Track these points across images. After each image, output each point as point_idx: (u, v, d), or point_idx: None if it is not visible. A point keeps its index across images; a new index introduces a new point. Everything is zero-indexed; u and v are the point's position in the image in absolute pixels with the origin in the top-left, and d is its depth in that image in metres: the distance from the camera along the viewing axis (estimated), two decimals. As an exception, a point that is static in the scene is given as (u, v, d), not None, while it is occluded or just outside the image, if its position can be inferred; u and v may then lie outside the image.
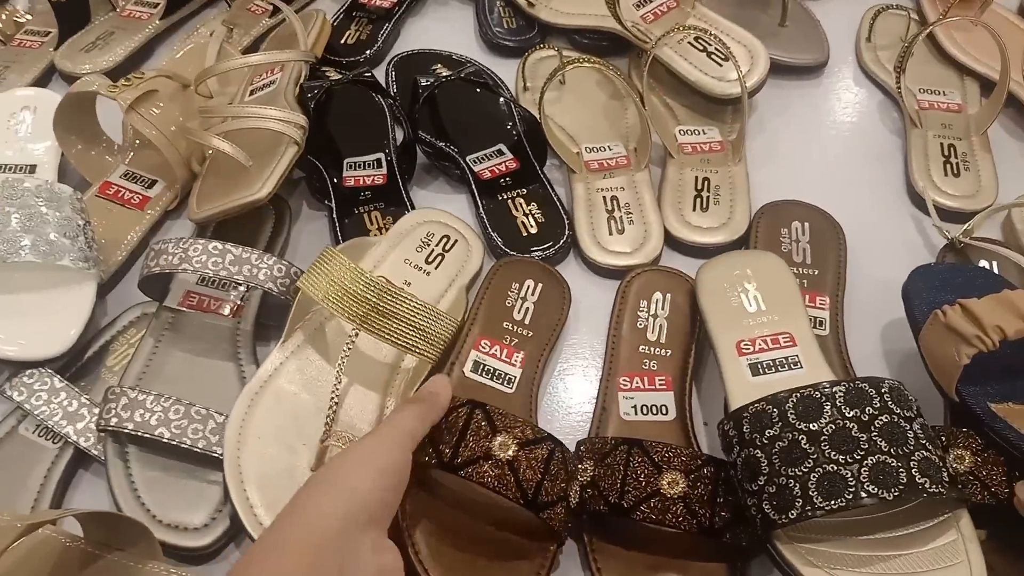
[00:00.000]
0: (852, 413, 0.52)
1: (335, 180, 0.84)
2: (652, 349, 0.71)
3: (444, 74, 0.85)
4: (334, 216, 0.82)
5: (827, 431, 0.52)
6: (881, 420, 0.52)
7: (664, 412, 0.67)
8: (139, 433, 0.63)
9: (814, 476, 0.50)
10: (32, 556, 0.55)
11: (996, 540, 0.58)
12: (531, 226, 0.80)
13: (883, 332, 0.73)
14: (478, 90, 0.90)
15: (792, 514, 0.50)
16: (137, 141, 0.87)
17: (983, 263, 0.74)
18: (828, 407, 0.52)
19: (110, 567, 0.56)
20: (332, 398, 0.62)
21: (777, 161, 0.87)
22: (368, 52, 0.98)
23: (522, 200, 0.82)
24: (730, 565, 0.57)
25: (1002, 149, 0.86)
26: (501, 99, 0.89)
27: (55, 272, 0.71)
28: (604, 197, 0.81)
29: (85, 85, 0.80)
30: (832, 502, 0.49)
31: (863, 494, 0.49)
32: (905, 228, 0.81)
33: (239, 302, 0.73)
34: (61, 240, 0.70)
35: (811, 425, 0.52)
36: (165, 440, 0.62)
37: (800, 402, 0.53)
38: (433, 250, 0.75)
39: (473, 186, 0.83)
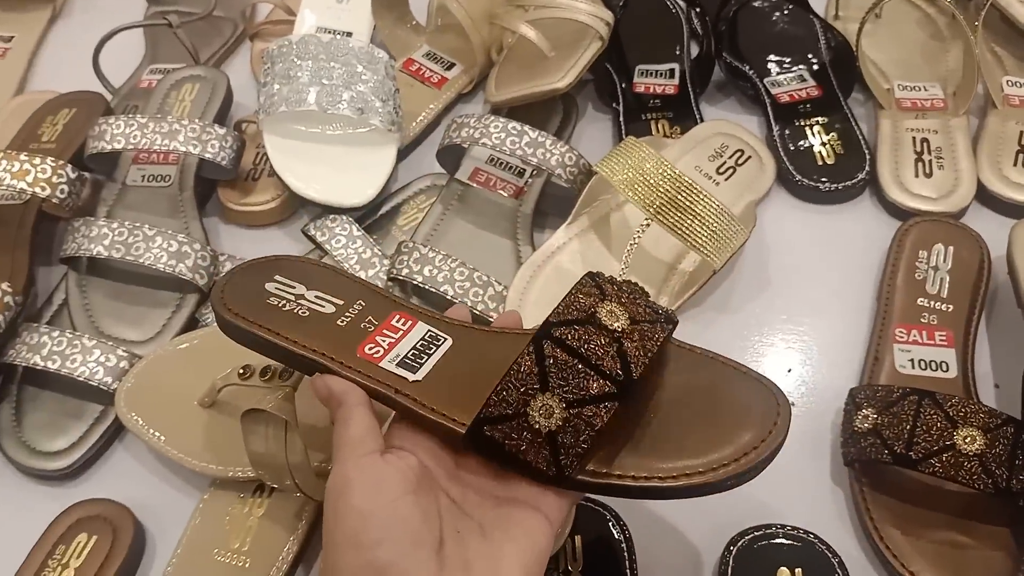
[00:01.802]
0: None
1: (624, 85, 0.84)
2: (932, 303, 0.66)
3: (757, -11, 0.82)
4: (620, 120, 0.82)
5: None
6: None
7: (944, 369, 0.63)
8: (426, 286, 0.66)
9: None
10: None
11: None
12: (828, 156, 0.76)
13: None
14: (785, 10, 0.86)
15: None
16: (440, 21, 0.90)
17: None
18: None
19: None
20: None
21: (1116, 130, 0.78)
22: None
23: (821, 128, 0.78)
24: (1015, 532, 0.53)
25: None
26: (809, 22, 0.85)
27: (364, 130, 0.75)
28: (914, 138, 0.76)
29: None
30: None
31: None
32: None
33: (523, 185, 0.75)
34: (374, 101, 0.75)
35: None
36: (448, 296, 0.65)
37: None
38: (725, 162, 0.74)
39: (769, 109, 0.80)
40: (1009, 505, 0.52)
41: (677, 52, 0.86)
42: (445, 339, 0.49)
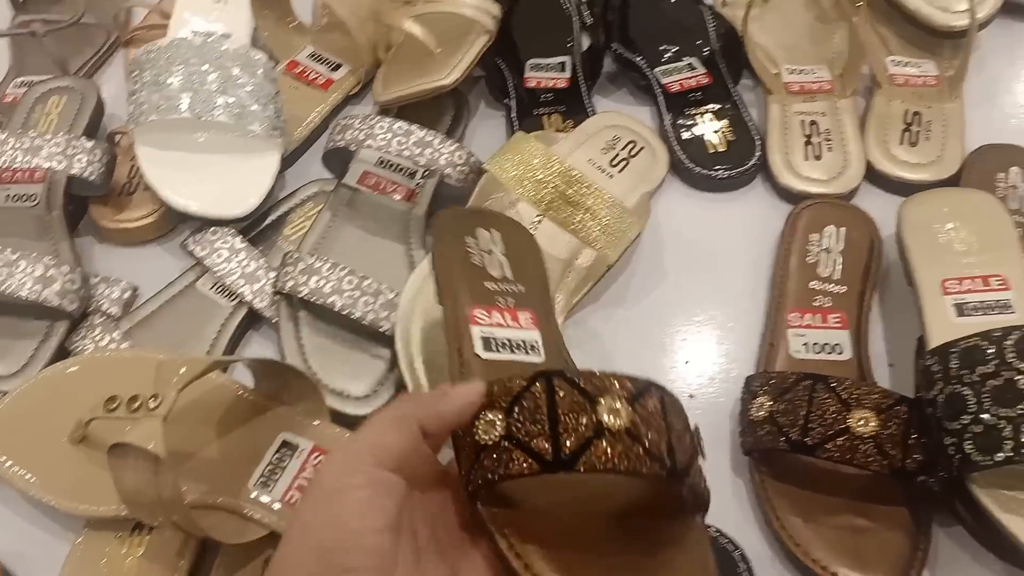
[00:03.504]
0: (1083, 357, 0.47)
1: (515, 80, 0.82)
2: (824, 285, 0.66)
3: (642, -23, 0.81)
4: (512, 116, 0.80)
5: (1052, 373, 0.47)
6: (1120, 369, 0.46)
7: (839, 351, 0.63)
8: (312, 299, 0.63)
9: (1032, 420, 0.46)
10: (207, 399, 0.57)
11: None
12: (719, 143, 0.76)
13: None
14: (675, 1, 0.86)
15: (998, 456, 0.46)
16: (325, 20, 0.87)
17: None
18: (1055, 349, 0.47)
19: (277, 419, 0.57)
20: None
21: (996, 104, 0.80)
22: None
23: (711, 116, 0.78)
24: (914, 511, 0.53)
25: None
26: (697, 11, 0.85)
27: (243, 137, 0.72)
28: (802, 121, 0.76)
29: (285, -42, 0.80)
30: (1052, 449, 0.45)
31: (1089, 444, 0.44)
32: None
33: (414, 187, 0.72)
34: (253, 106, 0.71)
35: (1036, 367, 0.47)
36: (336, 309, 0.63)
37: (1022, 340, 0.48)
38: (618, 154, 0.73)
39: (660, 99, 0.79)
40: (905, 485, 0.52)
41: (568, 45, 0.85)
42: (539, 356, 0.50)
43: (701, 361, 0.65)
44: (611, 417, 0.38)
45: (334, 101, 0.83)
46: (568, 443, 0.37)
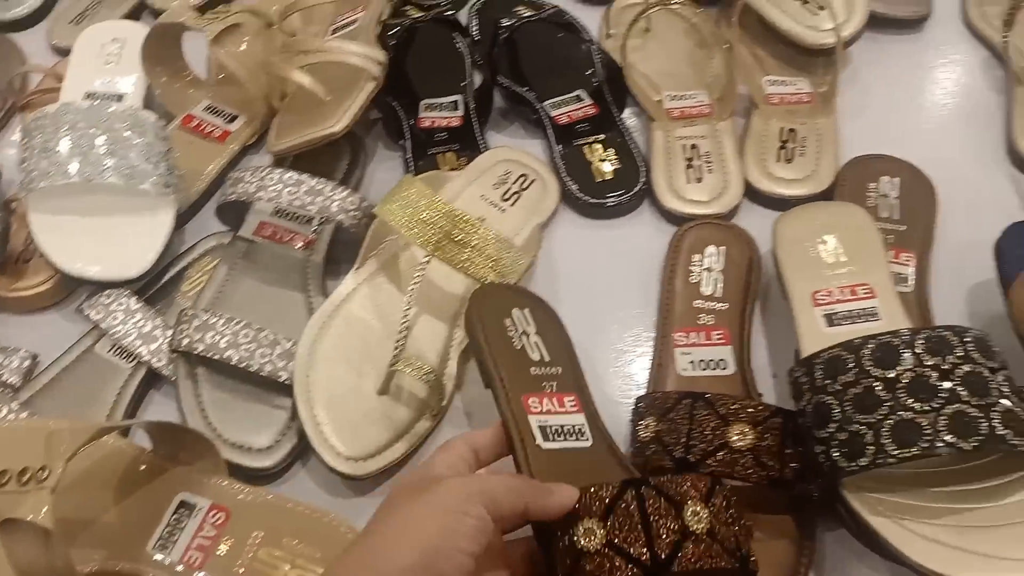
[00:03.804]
0: (932, 361, 0.49)
1: (411, 121, 0.84)
2: (707, 303, 0.68)
3: (525, 14, 0.83)
4: (408, 156, 0.82)
5: (904, 378, 0.49)
6: (963, 369, 0.49)
7: (723, 367, 0.65)
8: (209, 355, 0.64)
9: (888, 423, 0.48)
10: (103, 464, 0.57)
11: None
12: (606, 172, 0.78)
13: (970, 292, 0.69)
14: (559, 34, 0.88)
15: (862, 461, 0.48)
16: (220, 75, 0.88)
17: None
18: (907, 354, 0.50)
19: (175, 480, 0.57)
20: (403, 322, 0.62)
21: (868, 116, 0.83)
22: (452, -6, 0.97)
23: (599, 146, 0.80)
24: (797, 518, 0.56)
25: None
26: (583, 44, 0.87)
27: (136, 197, 0.73)
28: (683, 145, 0.79)
29: (172, 16, 0.81)
30: (906, 450, 0.47)
31: (940, 443, 0.47)
32: (1002, 189, 0.77)
33: (312, 235, 0.74)
34: (144, 165, 0.72)
35: (887, 372, 0.50)
36: (233, 363, 0.63)
37: (878, 349, 0.51)
38: (510, 188, 0.75)
39: (549, 131, 0.82)
40: (787, 493, 0.55)
41: (462, 84, 0.87)
42: (588, 439, 0.52)
43: (600, 386, 0.66)
44: (695, 521, 0.44)
45: (231, 153, 0.84)
46: (662, 549, 0.43)
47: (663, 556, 0.42)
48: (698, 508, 0.44)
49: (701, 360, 0.65)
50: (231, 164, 0.84)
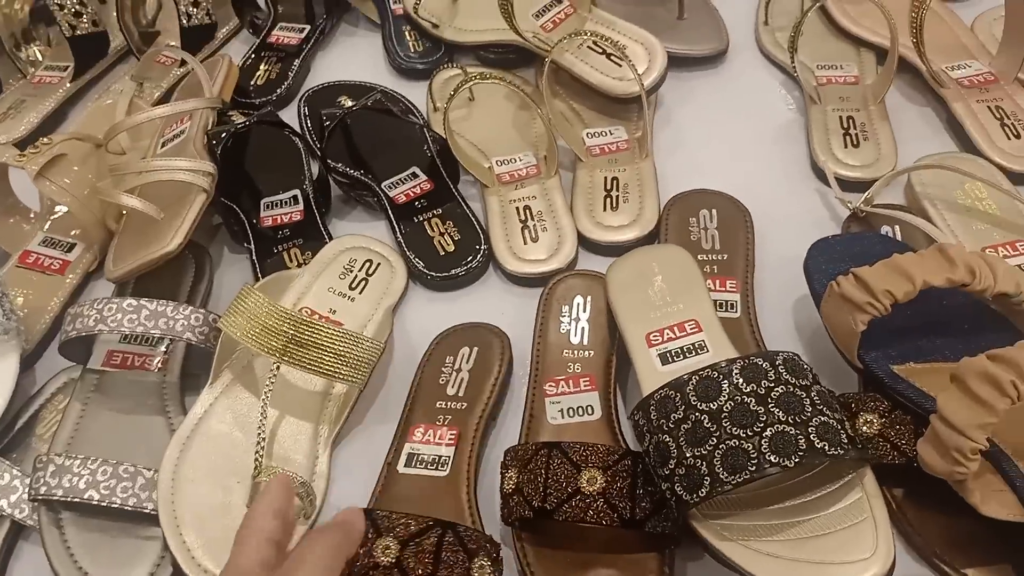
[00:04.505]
0: (749, 388, 0.53)
1: (253, 221, 0.85)
2: (575, 352, 0.71)
3: (347, 105, 0.86)
4: (253, 258, 0.83)
5: (727, 408, 0.53)
6: (777, 391, 0.53)
7: (590, 412, 0.68)
8: (70, 498, 0.63)
9: (718, 453, 0.51)
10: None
11: (911, 498, 0.59)
12: (448, 245, 0.81)
13: (794, 307, 0.74)
14: (387, 116, 0.91)
15: (702, 492, 0.51)
16: (56, 207, 0.87)
17: (885, 230, 0.76)
18: (726, 385, 0.54)
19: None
20: (260, 433, 0.63)
21: (684, 152, 0.89)
22: (279, 90, 0.99)
23: (438, 220, 0.83)
24: (659, 554, 0.58)
25: (900, 116, 0.88)
26: (411, 122, 0.90)
27: (-25, 348, 0.71)
28: (517, 208, 0.82)
29: (-9, 157, 0.80)
30: (737, 475, 0.51)
31: (766, 464, 0.50)
32: (811, 203, 0.83)
33: (164, 356, 0.74)
34: (-23, 314, 0.71)
35: (711, 404, 0.53)
36: (95, 502, 0.63)
37: (700, 383, 0.55)
38: (356, 275, 0.77)
39: (390, 211, 0.84)
40: (640, 532, 0.57)
41: (301, 177, 0.89)
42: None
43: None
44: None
45: (73, 283, 0.83)
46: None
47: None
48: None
49: (570, 407, 0.67)
50: (75, 293, 0.83)
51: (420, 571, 0.53)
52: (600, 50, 0.90)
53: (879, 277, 0.59)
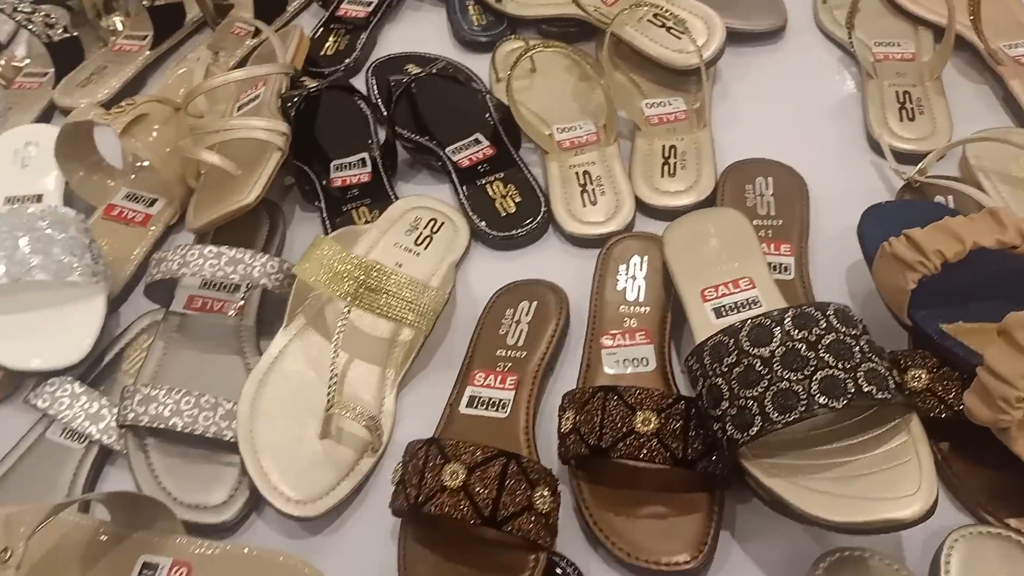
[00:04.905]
0: (800, 335, 0.56)
1: (324, 182, 0.89)
2: (632, 308, 0.74)
3: (414, 72, 0.89)
4: (324, 216, 0.87)
5: (778, 353, 0.55)
6: (828, 339, 0.55)
7: (645, 364, 0.70)
8: (154, 425, 0.67)
9: (769, 394, 0.54)
10: (65, 540, 0.60)
11: (957, 451, 0.61)
12: (509, 207, 0.84)
13: (847, 273, 0.76)
14: (451, 85, 0.95)
15: (752, 431, 0.54)
16: (137, 164, 0.92)
17: (938, 199, 0.77)
18: (778, 331, 0.56)
19: (136, 544, 0.60)
20: (332, 369, 0.67)
21: (741, 125, 0.91)
22: (347, 61, 1.03)
23: (500, 184, 0.86)
24: (710, 494, 0.61)
25: (956, 93, 0.89)
26: (475, 91, 0.94)
27: (67, 288, 0.76)
28: (577, 172, 0.85)
29: (80, 115, 0.85)
30: (787, 415, 0.53)
31: (815, 405, 0.53)
32: (866, 176, 0.85)
33: (241, 301, 0.78)
34: (68, 258, 0.76)
35: (763, 349, 0.56)
36: (179, 429, 0.67)
37: (753, 330, 0.57)
38: (422, 233, 0.80)
39: (453, 175, 0.88)
40: (692, 472, 0.60)
41: (368, 142, 0.92)
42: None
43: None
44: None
45: (155, 234, 0.88)
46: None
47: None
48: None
49: (625, 359, 0.70)
50: (156, 245, 0.88)
51: (485, 496, 0.57)
52: (660, 23, 0.93)
53: (930, 237, 0.61)
